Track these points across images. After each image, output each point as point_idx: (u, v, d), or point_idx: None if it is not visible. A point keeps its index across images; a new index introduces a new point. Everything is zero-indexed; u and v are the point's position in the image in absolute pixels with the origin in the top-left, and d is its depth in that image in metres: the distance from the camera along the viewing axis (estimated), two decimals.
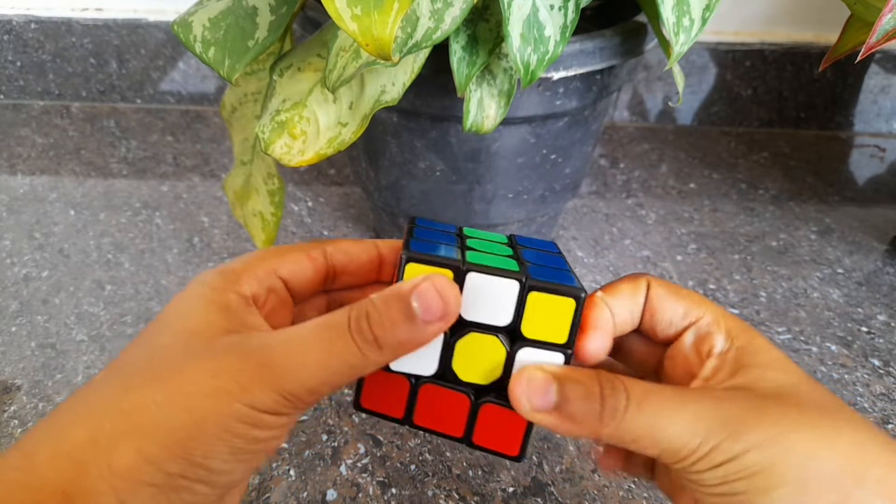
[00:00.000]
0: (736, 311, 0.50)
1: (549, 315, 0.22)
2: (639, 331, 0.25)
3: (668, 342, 0.24)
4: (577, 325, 0.22)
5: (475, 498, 0.36)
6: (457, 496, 0.36)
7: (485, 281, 0.22)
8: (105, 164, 0.66)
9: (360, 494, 0.36)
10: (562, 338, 0.23)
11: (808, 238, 0.58)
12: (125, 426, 0.18)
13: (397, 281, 0.22)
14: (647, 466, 0.26)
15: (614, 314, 0.24)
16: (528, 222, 0.49)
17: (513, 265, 0.23)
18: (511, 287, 0.22)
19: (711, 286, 0.52)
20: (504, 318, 0.22)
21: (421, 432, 0.25)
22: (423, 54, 0.33)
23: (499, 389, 0.23)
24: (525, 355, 0.23)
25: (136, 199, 0.61)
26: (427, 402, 0.23)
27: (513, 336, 0.23)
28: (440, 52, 0.34)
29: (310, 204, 0.61)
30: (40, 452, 0.18)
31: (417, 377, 0.23)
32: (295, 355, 0.19)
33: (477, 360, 0.23)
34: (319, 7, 0.40)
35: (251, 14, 0.35)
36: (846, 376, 0.44)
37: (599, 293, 0.24)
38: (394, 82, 0.34)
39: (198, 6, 0.36)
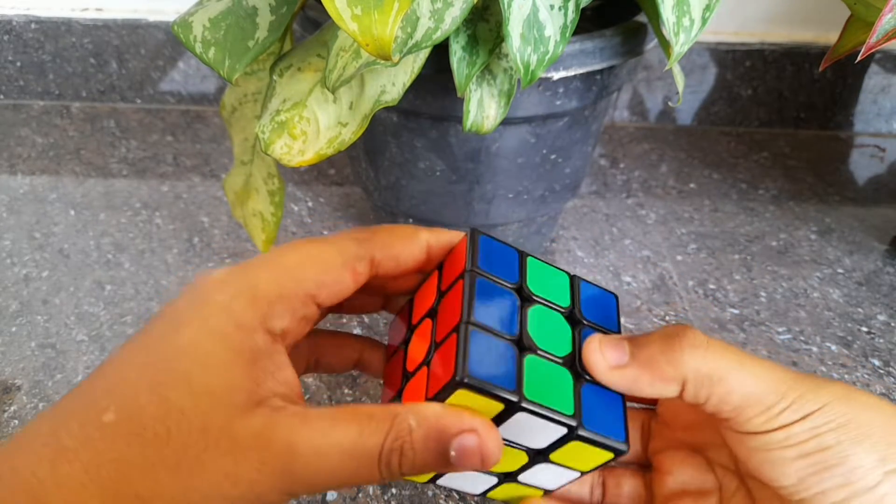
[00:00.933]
0: (736, 312, 0.50)
1: (582, 454, 0.22)
2: None
3: None
4: (606, 466, 0.23)
5: (476, 498, 0.36)
6: (457, 496, 0.36)
7: (534, 418, 0.20)
8: (105, 165, 0.66)
9: (360, 494, 0.36)
10: (585, 468, 0.23)
11: (808, 238, 0.58)
12: None
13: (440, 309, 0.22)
14: None
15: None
16: (529, 222, 0.49)
17: (568, 395, 0.21)
18: (557, 430, 0.21)
19: (711, 286, 0.52)
20: (539, 445, 0.22)
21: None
22: (423, 54, 0.33)
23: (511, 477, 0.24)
24: (541, 468, 0.23)
25: (136, 199, 0.61)
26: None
27: (538, 453, 0.22)
28: (440, 52, 0.34)
29: (310, 204, 0.61)
30: None
31: None
32: (317, 470, 0.18)
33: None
34: (319, 7, 0.40)
35: (251, 14, 0.35)
36: (846, 376, 0.44)
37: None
38: (394, 82, 0.34)
39: (198, 6, 0.36)
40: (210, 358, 0.19)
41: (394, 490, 0.36)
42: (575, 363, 0.22)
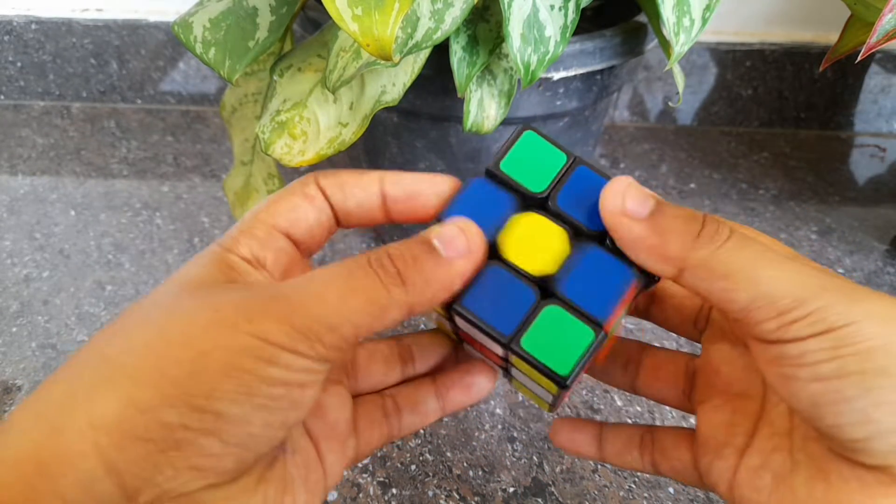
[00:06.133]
0: None
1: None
2: None
3: None
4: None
5: (476, 498, 0.36)
6: (457, 496, 0.36)
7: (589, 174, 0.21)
8: (105, 165, 0.66)
9: (360, 495, 0.36)
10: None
11: (808, 238, 0.58)
12: (108, 372, 0.15)
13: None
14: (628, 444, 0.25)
15: None
16: None
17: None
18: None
19: None
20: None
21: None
22: (423, 55, 0.33)
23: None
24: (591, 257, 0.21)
25: (137, 200, 0.61)
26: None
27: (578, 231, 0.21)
28: (440, 52, 0.34)
29: None
30: (14, 420, 0.15)
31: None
32: (311, 290, 0.17)
33: (533, 247, 0.21)
34: (320, 7, 0.40)
35: (251, 14, 0.35)
36: None
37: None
38: (394, 83, 0.34)
39: (198, 7, 0.36)
40: (187, 268, 0.19)
41: (394, 490, 0.36)
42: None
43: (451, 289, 0.19)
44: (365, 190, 0.21)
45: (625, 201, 0.19)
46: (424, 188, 0.22)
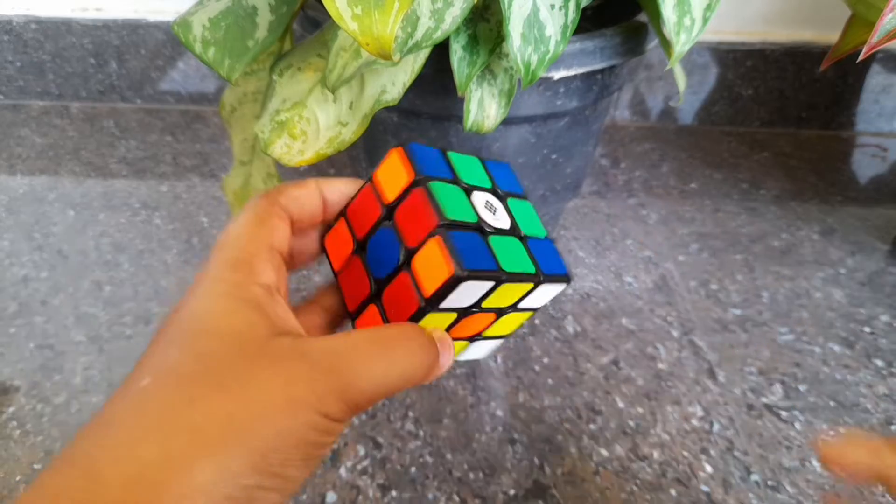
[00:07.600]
0: (738, 312, 0.50)
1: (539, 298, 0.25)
2: None
3: None
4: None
5: (476, 500, 0.36)
6: (457, 499, 0.36)
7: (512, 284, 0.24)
8: (104, 165, 0.66)
9: (359, 497, 0.36)
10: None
11: (810, 238, 0.58)
12: (201, 440, 0.18)
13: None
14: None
15: None
16: None
17: (524, 256, 0.24)
18: (525, 287, 0.24)
19: (713, 286, 0.52)
20: (508, 304, 0.25)
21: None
22: (423, 54, 0.33)
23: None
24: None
25: (136, 200, 0.61)
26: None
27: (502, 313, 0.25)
28: (441, 51, 0.34)
29: None
30: (107, 473, 0.17)
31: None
32: (360, 362, 0.20)
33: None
34: (319, 7, 0.40)
35: (251, 14, 0.35)
36: (849, 377, 0.44)
37: None
38: (394, 82, 0.34)
39: (198, 6, 0.36)
40: (223, 310, 0.21)
41: (394, 493, 0.36)
42: (517, 229, 0.25)
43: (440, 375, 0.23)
44: (311, 197, 0.25)
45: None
46: (349, 189, 0.26)
